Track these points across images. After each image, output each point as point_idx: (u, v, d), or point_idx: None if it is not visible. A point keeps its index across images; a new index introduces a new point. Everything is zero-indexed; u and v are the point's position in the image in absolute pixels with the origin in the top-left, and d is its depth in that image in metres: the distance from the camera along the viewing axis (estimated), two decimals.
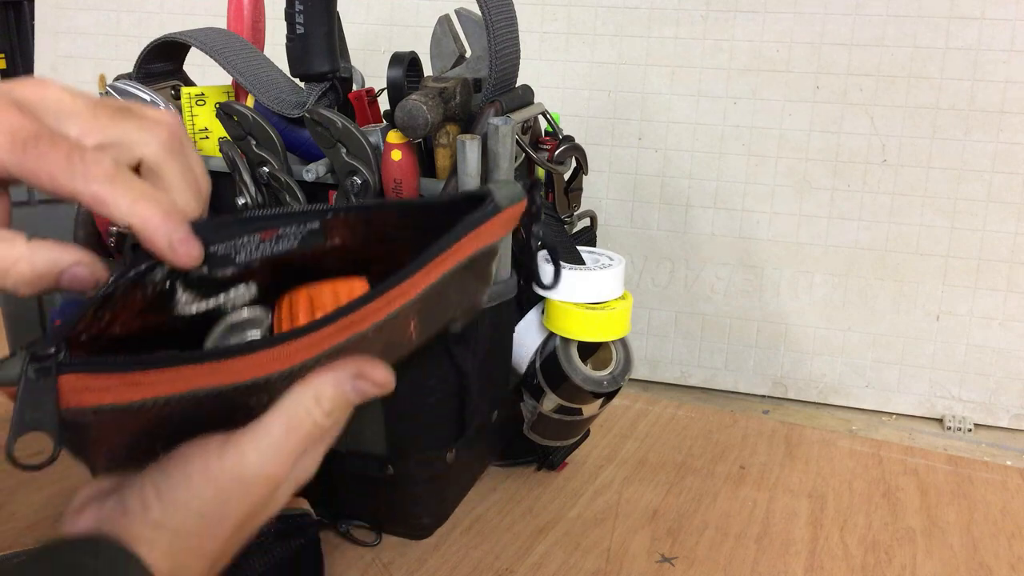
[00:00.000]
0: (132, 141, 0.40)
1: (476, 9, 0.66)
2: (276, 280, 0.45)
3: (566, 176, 0.73)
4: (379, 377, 0.42)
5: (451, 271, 0.44)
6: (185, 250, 0.40)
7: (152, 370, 0.38)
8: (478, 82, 0.66)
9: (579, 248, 0.70)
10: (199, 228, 0.41)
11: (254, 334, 0.44)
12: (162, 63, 0.75)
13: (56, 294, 0.61)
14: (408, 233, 0.46)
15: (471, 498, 0.76)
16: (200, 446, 0.40)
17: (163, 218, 0.39)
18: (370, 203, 0.48)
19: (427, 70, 0.73)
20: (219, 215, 0.44)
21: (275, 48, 0.72)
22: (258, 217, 0.44)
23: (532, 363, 0.69)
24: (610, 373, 0.67)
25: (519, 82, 0.70)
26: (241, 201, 0.67)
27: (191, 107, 0.72)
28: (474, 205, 0.45)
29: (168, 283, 0.42)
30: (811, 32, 0.95)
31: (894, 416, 0.97)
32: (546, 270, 0.68)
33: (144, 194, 0.39)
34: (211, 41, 0.70)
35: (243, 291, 0.44)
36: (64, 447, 0.39)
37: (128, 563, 0.37)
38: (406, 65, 0.69)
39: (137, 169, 0.41)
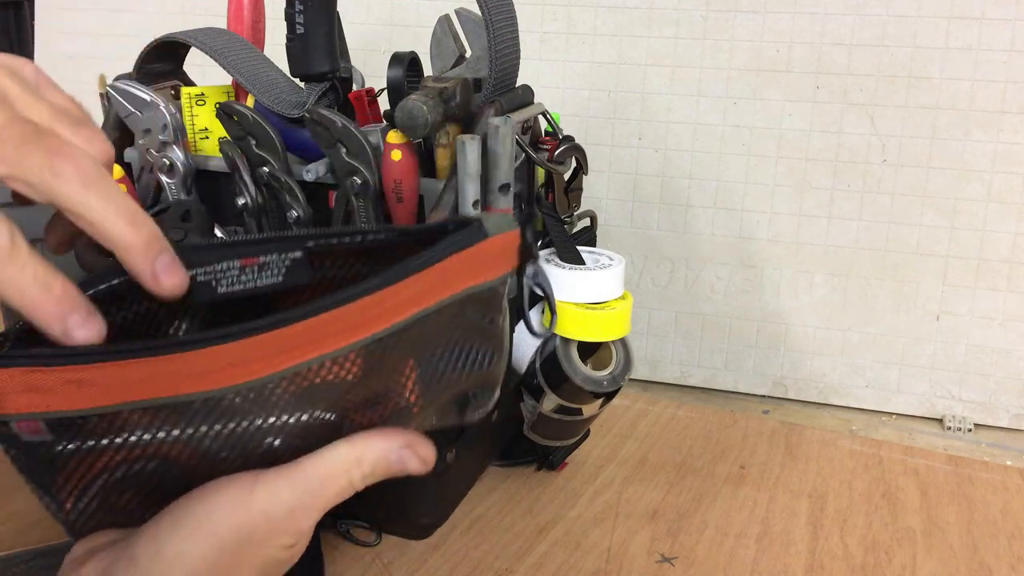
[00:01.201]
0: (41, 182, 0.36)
1: (476, 9, 0.66)
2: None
3: (566, 176, 0.73)
4: (425, 453, 0.41)
5: (442, 306, 0.40)
6: (169, 281, 0.37)
7: (95, 364, 0.35)
8: (478, 82, 0.66)
9: (579, 248, 0.70)
10: (182, 252, 0.38)
11: None
12: (162, 63, 0.75)
13: None
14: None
15: (471, 498, 0.76)
16: (225, 483, 0.38)
17: (146, 240, 0.36)
18: (357, 230, 0.44)
19: (427, 70, 0.73)
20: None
21: (275, 48, 0.72)
22: (238, 243, 0.41)
23: (532, 363, 0.69)
24: (610, 373, 0.67)
25: (519, 82, 0.70)
26: (241, 201, 0.67)
27: (191, 107, 0.72)
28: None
29: (145, 307, 0.40)
30: (811, 32, 0.95)
31: (894, 416, 0.97)
32: (546, 270, 0.68)
33: (123, 208, 0.36)
34: (211, 41, 0.70)
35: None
36: (27, 479, 0.37)
37: None
38: (406, 65, 0.69)
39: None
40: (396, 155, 0.62)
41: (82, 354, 0.35)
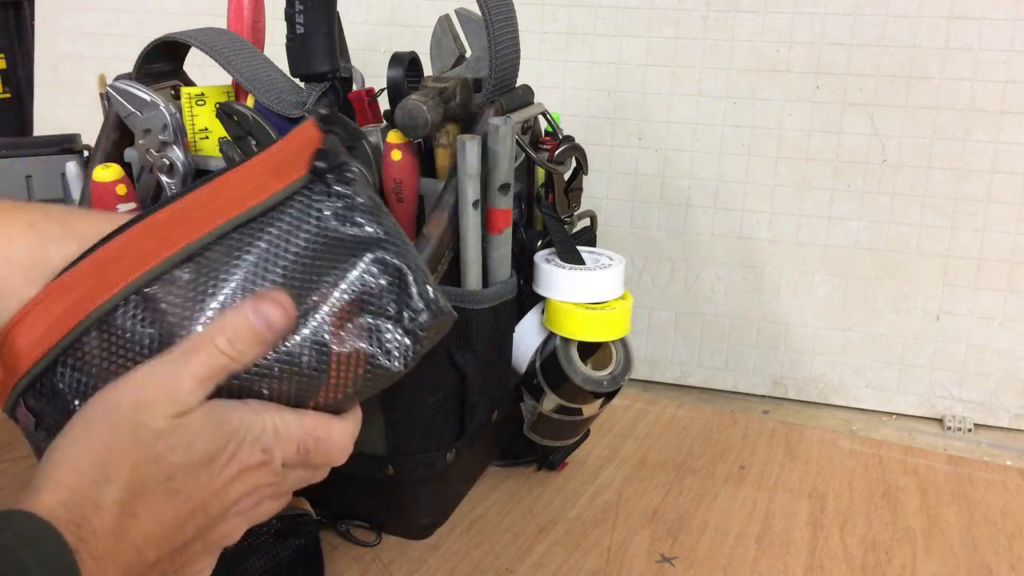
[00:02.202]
0: None
1: (476, 9, 0.66)
2: None
3: (566, 176, 0.73)
4: (278, 296, 0.42)
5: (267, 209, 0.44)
6: None
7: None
8: (478, 82, 0.66)
9: (579, 248, 0.70)
10: None
11: None
12: (162, 63, 0.75)
13: None
14: None
15: (471, 498, 0.76)
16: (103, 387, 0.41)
17: None
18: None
19: (427, 70, 0.73)
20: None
21: (275, 48, 0.72)
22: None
23: (532, 363, 0.69)
24: (610, 373, 0.67)
25: (519, 82, 0.70)
26: None
27: (191, 107, 0.72)
28: None
29: None
30: (811, 32, 0.94)
31: (894, 416, 0.97)
32: (545, 269, 0.68)
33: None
34: (211, 41, 0.70)
35: None
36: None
37: (24, 522, 0.36)
38: (406, 65, 0.69)
39: None
40: (396, 155, 0.62)
41: None
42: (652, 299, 1.03)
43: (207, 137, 0.72)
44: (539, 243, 0.71)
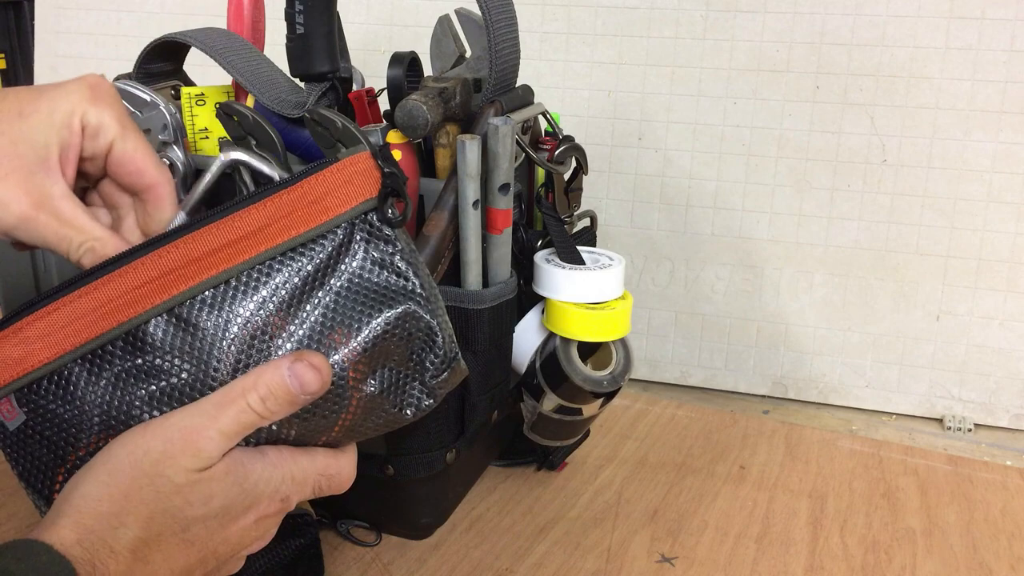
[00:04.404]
0: None
1: (476, 9, 0.66)
2: None
3: (566, 176, 0.73)
4: (316, 361, 0.42)
5: (307, 240, 0.43)
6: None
7: (31, 315, 0.41)
8: (478, 82, 0.66)
9: (579, 248, 0.70)
10: None
11: None
12: (162, 63, 0.75)
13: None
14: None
15: (471, 498, 0.76)
16: (127, 430, 0.41)
17: None
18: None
19: (427, 70, 0.73)
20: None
21: (275, 48, 0.72)
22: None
23: (532, 363, 0.69)
24: (610, 373, 0.67)
25: (519, 82, 0.70)
26: None
27: (191, 107, 0.72)
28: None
29: None
30: (811, 32, 0.94)
31: (894, 416, 0.97)
32: (545, 269, 0.68)
33: None
34: (211, 41, 0.70)
35: None
36: (17, 473, 0.42)
37: (43, 554, 0.36)
38: (406, 65, 0.69)
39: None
40: (396, 155, 0.62)
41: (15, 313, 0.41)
42: (652, 299, 1.03)
43: (207, 137, 0.72)
44: (539, 243, 0.71)
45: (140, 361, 0.42)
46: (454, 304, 0.64)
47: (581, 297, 0.66)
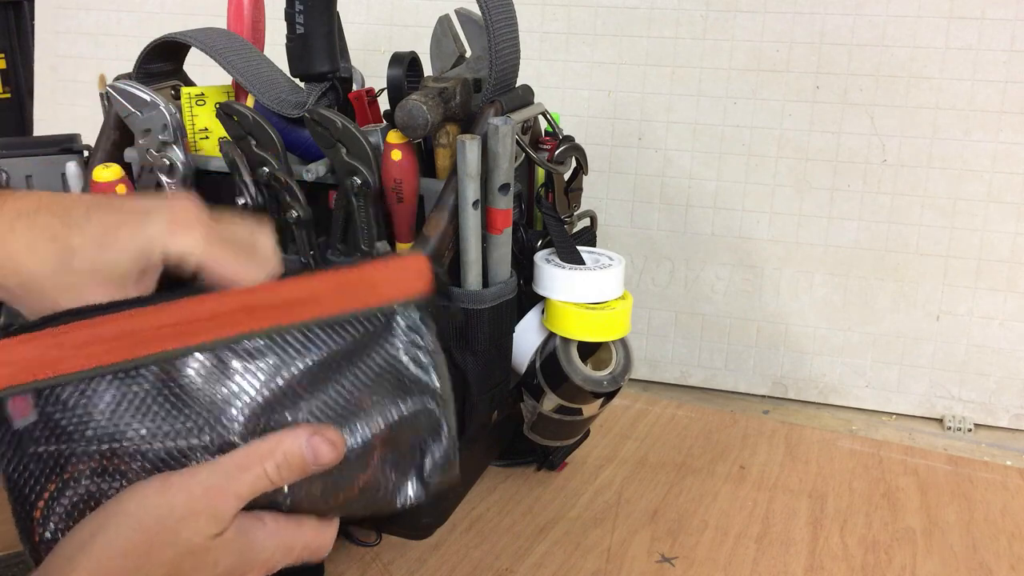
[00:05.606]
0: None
1: (476, 9, 0.66)
2: None
3: (566, 176, 0.73)
4: (332, 436, 0.43)
5: (334, 321, 0.44)
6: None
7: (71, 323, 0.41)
8: (478, 82, 0.66)
9: (579, 248, 0.70)
10: None
11: None
12: (162, 63, 0.75)
13: None
14: None
15: (471, 498, 0.76)
16: (148, 479, 0.41)
17: None
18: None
19: (427, 70, 0.73)
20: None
21: (275, 48, 0.72)
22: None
23: (532, 363, 0.69)
24: (610, 373, 0.67)
25: (519, 82, 0.70)
26: (241, 201, 0.67)
27: (191, 107, 0.72)
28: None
29: None
30: (811, 32, 0.94)
31: (894, 416, 0.97)
32: (545, 269, 0.68)
33: None
34: (211, 41, 0.70)
35: None
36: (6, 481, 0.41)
37: None
38: (406, 65, 0.69)
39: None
40: (396, 155, 0.62)
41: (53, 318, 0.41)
42: (652, 299, 1.03)
43: (207, 137, 0.72)
44: (539, 243, 0.71)
45: (167, 393, 0.42)
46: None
47: (581, 297, 0.66)
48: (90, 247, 0.44)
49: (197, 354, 0.42)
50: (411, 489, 0.48)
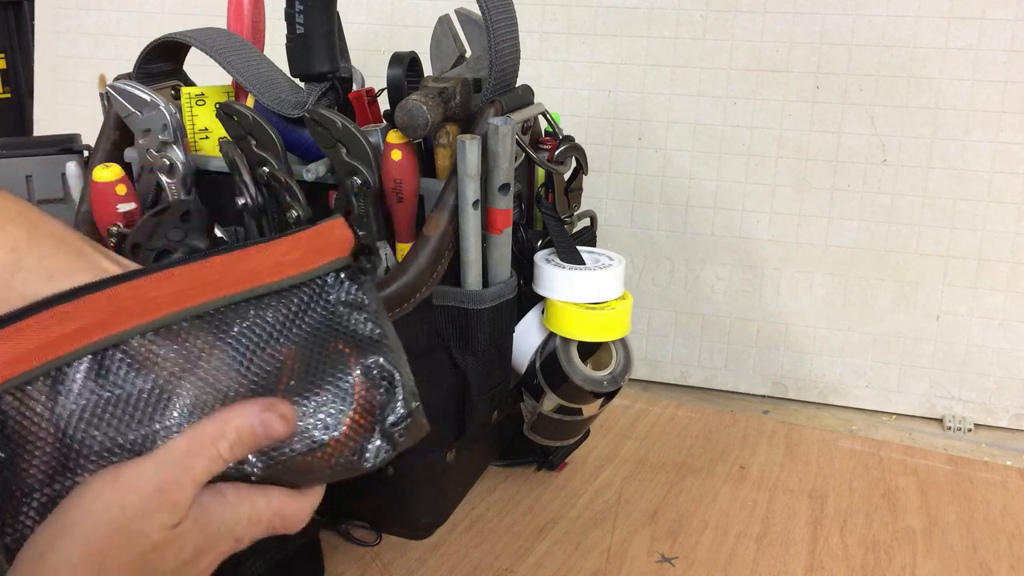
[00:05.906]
0: None
1: (476, 9, 0.66)
2: None
3: (566, 176, 0.73)
4: (284, 410, 0.42)
5: (282, 289, 0.45)
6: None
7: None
8: (478, 82, 0.66)
9: (579, 248, 0.70)
10: None
11: None
12: (162, 63, 0.75)
13: None
14: None
15: (471, 498, 0.76)
16: (96, 476, 0.40)
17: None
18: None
19: (427, 70, 0.73)
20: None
21: (275, 48, 0.72)
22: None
23: (532, 363, 0.69)
24: (610, 373, 0.67)
25: (519, 82, 0.70)
26: (241, 201, 0.67)
27: (191, 107, 0.72)
28: None
29: None
30: (811, 32, 0.94)
31: (894, 416, 0.97)
32: (545, 269, 0.68)
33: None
34: (211, 41, 0.70)
35: None
36: None
37: None
38: (406, 65, 0.69)
39: None
40: (396, 155, 0.62)
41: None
42: (652, 299, 1.03)
43: (207, 137, 0.72)
44: (539, 243, 0.71)
45: (103, 383, 0.42)
46: (454, 304, 0.64)
47: (581, 297, 0.66)
48: (37, 276, 0.43)
49: (131, 340, 0.42)
50: (376, 447, 0.46)
